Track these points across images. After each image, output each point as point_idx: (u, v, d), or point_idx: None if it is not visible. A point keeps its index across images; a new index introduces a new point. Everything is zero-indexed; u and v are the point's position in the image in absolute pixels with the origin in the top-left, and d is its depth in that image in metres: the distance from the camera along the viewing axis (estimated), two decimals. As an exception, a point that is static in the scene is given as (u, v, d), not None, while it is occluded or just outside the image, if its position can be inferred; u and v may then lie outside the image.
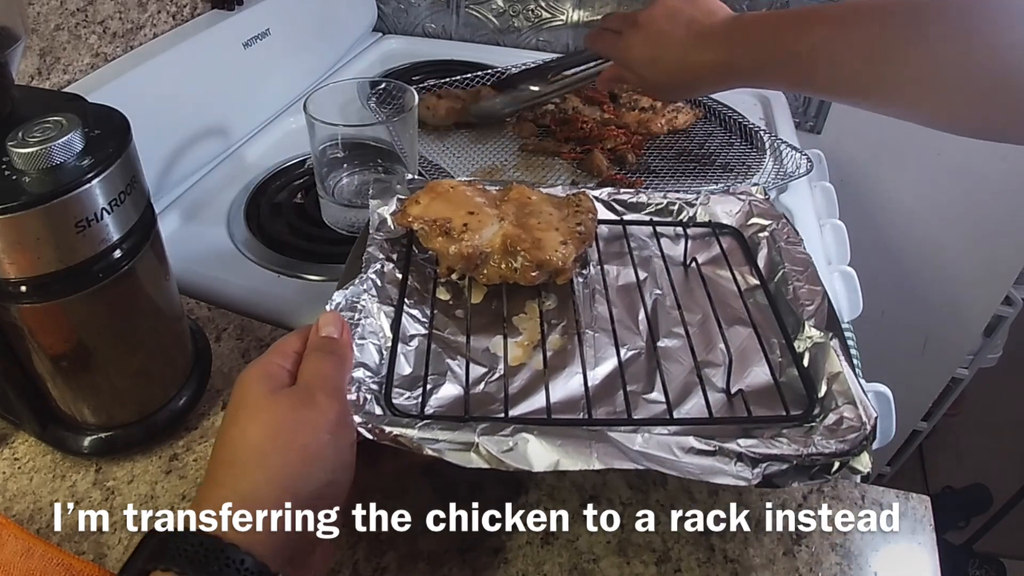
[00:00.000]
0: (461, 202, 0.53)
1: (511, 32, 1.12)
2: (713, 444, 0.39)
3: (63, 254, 0.39)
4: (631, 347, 0.49)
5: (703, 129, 0.88)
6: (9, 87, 0.42)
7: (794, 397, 0.45)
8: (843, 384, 0.43)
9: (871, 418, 0.41)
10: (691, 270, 0.56)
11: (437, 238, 0.50)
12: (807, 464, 0.39)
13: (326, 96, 0.67)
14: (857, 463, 0.39)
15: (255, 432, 0.35)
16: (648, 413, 0.44)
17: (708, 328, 0.50)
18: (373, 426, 0.38)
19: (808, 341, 0.48)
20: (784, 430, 0.42)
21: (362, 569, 0.45)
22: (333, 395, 0.38)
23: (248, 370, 0.38)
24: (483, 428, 0.39)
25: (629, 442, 0.39)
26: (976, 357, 1.31)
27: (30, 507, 0.47)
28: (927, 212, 1.09)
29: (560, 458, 0.37)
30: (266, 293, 0.65)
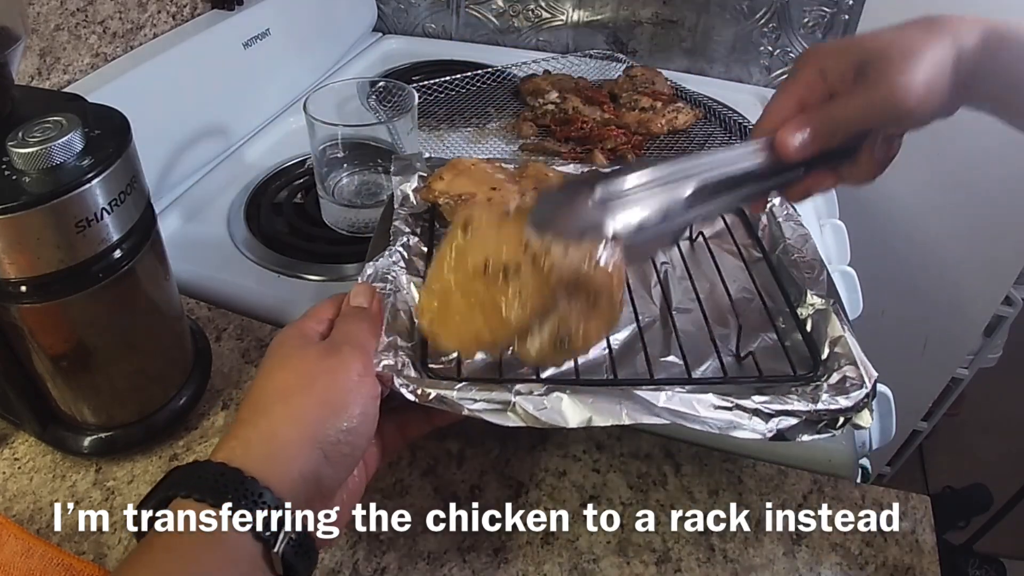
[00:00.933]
0: (483, 178, 0.54)
1: (511, 32, 1.12)
2: (731, 400, 0.41)
3: (63, 254, 0.39)
4: (648, 315, 0.51)
5: (703, 129, 0.88)
6: (9, 87, 0.41)
7: (799, 359, 0.48)
8: (844, 347, 0.46)
9: (871, 377, 0.44)
10: (698, 244, 0.58)
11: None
12: (815, 419, 0.41)
13: (326, 96, 0.67)
14: (859, 419, 0.42)
15: (281, 376, 0.37)
16: (667, 374, 0.47)
17: (716, 297, 0.53)
18: (415, 388, 0.40)
19: (811, 308, 0.50)
20: (792, 388, 0.44)
21: (362, 569, 0.45)
22: (359, 349, 0.39)
23: (284, 329, 0.40)
24: (519, 388, 0.41)
25: (654, 399, 0.41)
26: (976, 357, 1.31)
27: (30, 507, 0.47)
28: (927, 212, 1.09)
29: (592, 415, 0.40)
30: (266, 293, 0.65)
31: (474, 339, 0.42)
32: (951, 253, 1.12)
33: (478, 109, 0.91)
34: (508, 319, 0.41)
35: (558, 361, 0.44)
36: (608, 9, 1.06)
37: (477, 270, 0.42)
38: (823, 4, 0.95)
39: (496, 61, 1.00)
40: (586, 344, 0.43)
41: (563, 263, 0.41)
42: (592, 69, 1.02)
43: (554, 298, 0.41)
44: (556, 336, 0.42)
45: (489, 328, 0.41)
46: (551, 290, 0.41)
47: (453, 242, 0.45)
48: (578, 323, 0.42)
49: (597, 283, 0.42)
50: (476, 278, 0.42)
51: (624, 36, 1.07)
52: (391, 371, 0.40)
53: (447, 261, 0.44)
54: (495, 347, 0.43)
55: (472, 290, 0.42)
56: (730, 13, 1.00)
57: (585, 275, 0.41)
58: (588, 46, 1.09)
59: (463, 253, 0.44)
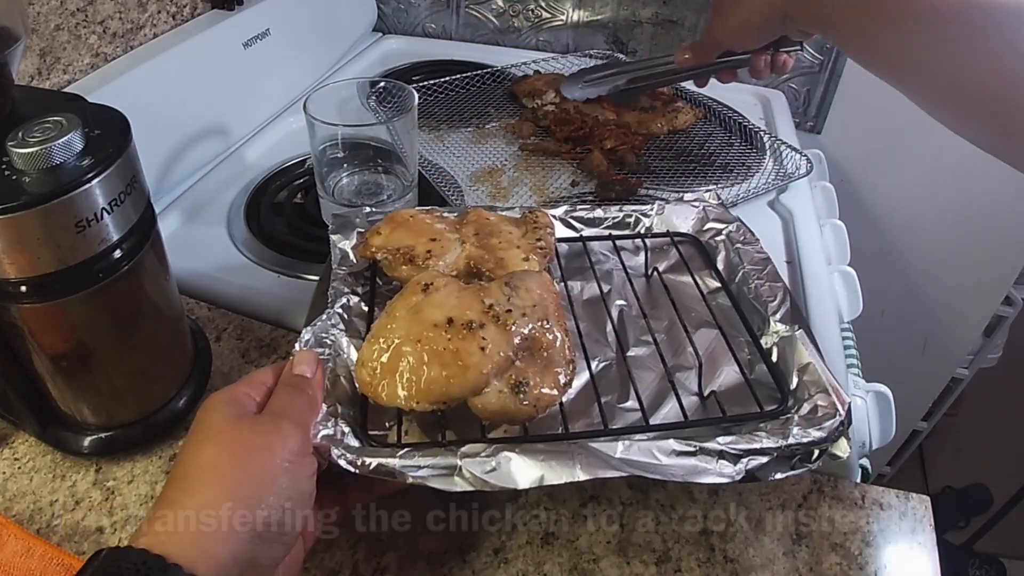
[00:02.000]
0: (422, 230, 0.52)
1: (511, 32, 1.12)
2: (693, 444, 0.39)
3: (63, 254, 0.39)
4: (602, 359, 0.50)
5: (703, 129, 0.88)
6: (9, 87, 0.41)
7: (767, 392, 0.46)
8: (814, 374, 0.45)
9: (844, 403, 0.42)
10: (653, 279, 0.57)
11: (402, 266, 0.50)
12: (787, 455, 0.40)
13: (326, 96, 0.67)
14: (836, 448, 0.41)
15: (211, 451, 0.35)
16: (625, 422, 0.45)
17: (675, 334, 0.52)
18: (353, 458, 0.38)
19: (775, 336, 0.49)
20: (761, 425, 0.43)
21: (362, 569, 0.45)
22: (297, 424, 0.37)
23: (214, 395, 0.38)
24: (464, 451, 0.39)
25: (610, 451, 0.39)
26: (976, 357, 1.31)
27: (30, 507, 0.47)
28: (927, 212, 1.09)
29: (544, 473, 0.38)
30: (266, 293, 0.65)
31: (426, 390, 0.41)
32: (951, 253, 1.12)
33: (478, 109, 0.91)
34: (472, 365, 0.41)
35: (517, 413, 0.42)
36: (608, 9, 1.06)
37: (439, 324, 0.42)
38: (823, 4, 0.95)
39: (496, 61, 1.00)
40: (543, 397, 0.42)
41: (522, 322, 0.43)
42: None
43: (515, 354, 0.42)
44: (514, 384, 0.41)
45: (447, 377, 0.41)
46: (512, 346, 0.42)
47: (409, 299, 0.45)
48: (536, 374, 0.42)
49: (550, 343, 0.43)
50: (436, 331, 0.42)
51: (624, 36, 1.07)
52: (329, 441, 0.39)
53: (400, 315, 0.44)
54: (448, 398, 0.41)
55: (430, 341, 0.41)
56: (730, 13, 1.00)
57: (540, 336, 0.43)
58: (588, 46, 1.09)
59: (420, 309, 0.44)
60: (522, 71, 0.99)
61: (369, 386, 0.42)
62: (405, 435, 0.43)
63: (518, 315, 0.43)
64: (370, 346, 0.43)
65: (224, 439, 0.35)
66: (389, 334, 0.43)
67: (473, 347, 0.41)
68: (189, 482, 0.34)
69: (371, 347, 0.43)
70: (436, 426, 0.44)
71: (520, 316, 0.43)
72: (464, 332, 0.42)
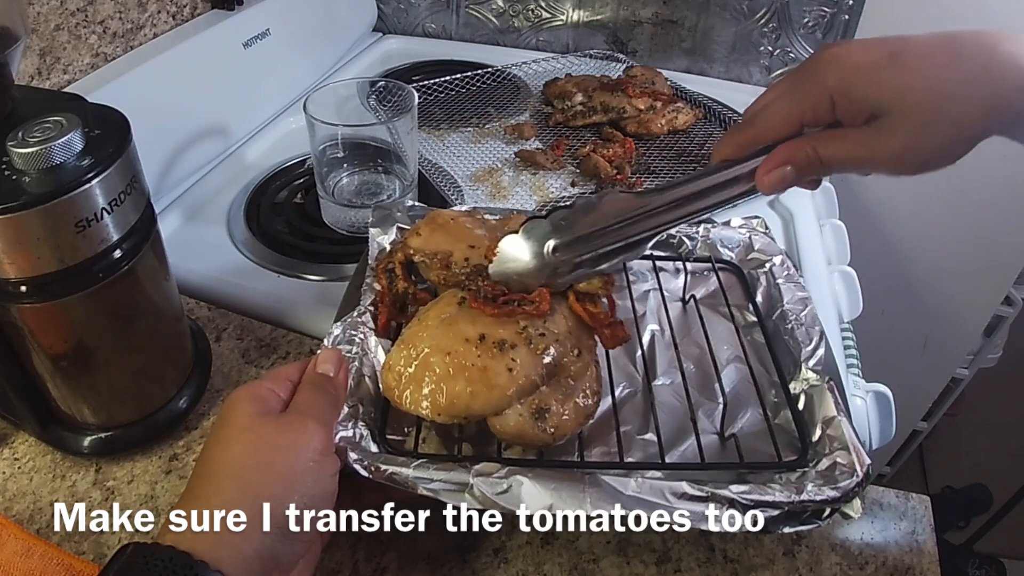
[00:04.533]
0: (461, 234, 0.51)
1: (511, 32, 1.12)
2: (705, 490, 0.39)
3: (63, 254, 0.39)
4: (627, 385, 0.49)
5: (703, 129, 0.88)
6: (9, 87, 0.42)
7: (788, 440, 0.45)
8: (837, 429, 0.43)
9: (864, 465, 0.41)
10: (689, 306, 0.56)
11: (438, 270, 0.49)
12: (798, 510, 0.39)
13: (326, 96, 0.67)
14: (848, 508, 0.40)
15: (237, 449, 0.35)
16: (641, 454, 0.45)
17: (704, 367, 0.51)
18: (369, 463, 0.38)
19: (804, 383, 0.48)
20: (776, 475, 0.42)
21: (362, 569, 0.45)
22: (321, 423, 0.37)
23: (238, 390, 0.38)
24: (477, 469, 0.39)
25: (622, 487, 0.39)
26: (976, 357, 1.31)
27: (30, 507, 0.47)
28: (927, 212, 1.09)
29: (553, 501, 0.38)
30: (266, 293, 0.65)
31: (448, 404, 0.41)
32: (951, 253, 1.12)
33: (478, 109, 0.91)
34: (497, 385, 0.40)
35: (535, 439, 0.41)
36: (608, 9, 1.06)
37: (471, 339, 0.42)
38: (823, 4, 0.95)
39: (496, 61, 1.00)
40: (562, 426, 0.41)
41: (554, 348, 0.42)
42: (592, 69, 1.02)
43: (541, 379, 0.42)
44: (536, 409, 0.41)
45: (471, 393, 0.40)
46: (539, 371, 0.42)
47: (445, 309, 0.44)
48: (559, 402, 0.42)
49: (578, 373, 0.43)
50: (467, 345, 0.42)
51: (624, 36, 1.07)
52: (347, 444, 0.39)
53: (432, 324, 0.43)
54: (469, 414, 0.41)
55: (459, 355, 0.41)
56: (730, 13, 1.00)
57: (570, 364, 0.43)
58: (588, 46, 1.09)
59: (455, 321, 0.43)
60: (522, 71, 0.99)
61: (393, 391, 0.42)
62: (422, 443, 0.43)
63: (551, 340, 0.43)
64: (399, 351, 0.43)
65: (250, 437, 0.35)
66: (420, 342, 0.43)
67: (501, 367, 0.41)
68: (215, 480, 0.34)
69: (400, 352, 0.43)
70: (454, 437, 0.44)
71: (553, 341, 0.43)
72: (494, 351, 0.41)
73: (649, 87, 0.90)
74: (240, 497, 0.33)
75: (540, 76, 0.99)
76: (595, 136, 0.86)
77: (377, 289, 0.50)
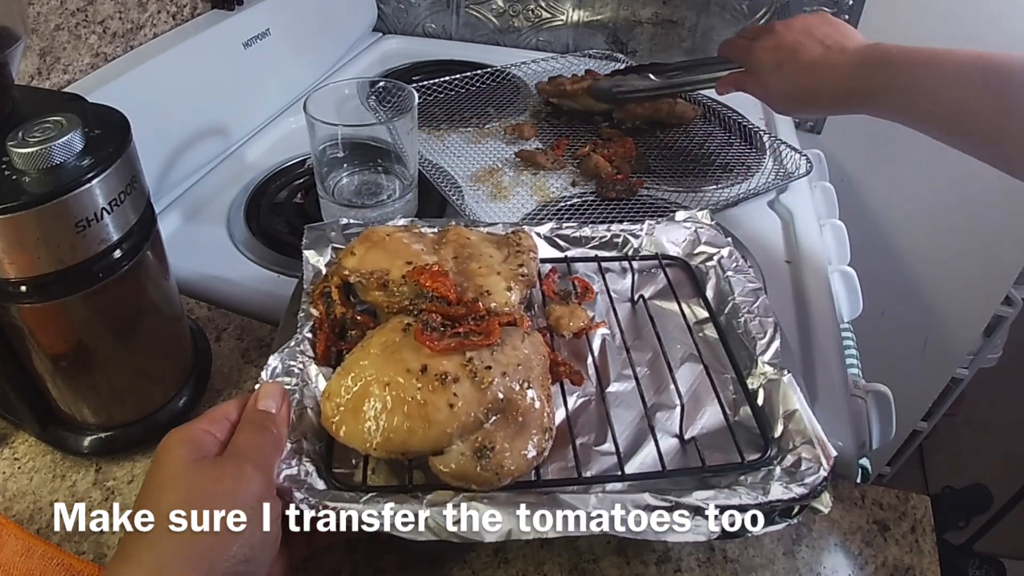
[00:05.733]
0: (398, 251, 0.49)
1: (511, 32, 1.12)
2: (669, 500, 0.38)
3: (63, 254, 0.39)
4: (580, 394, 0.48)
5: (703, 129, 0.88)
6: (9, 87, 0.41)
7: (750, 437, 0.45)
8: (799, 423, 0.43)
9: (830, 457, 0.40)
10: (638, 306, 0.55)
11: (375, 291, 0.48)
12: (766, 510, 0.38)
13: (326, 96, 0.67)
14: (818, 503, 0.39)
15: (169, 499, 0.33)
16: (600, 466, 0.44)
17: (658, 368, 0.50)
18: (317, 502, 0.37)
19: (762, 377, 0.47)
20: (741, 476, 0.41)
21: (362, 569, 0.44)
22: (260, 467, 0.36)
23: (171, 435, 0.36)
24: (430, 499, 0.38)
25: (583, 504, 0.37)
26: (976, 357, 1.31)
27: (30, 507, 0.47)
28: (927, 212, 1.09)
29: (512, 528, 0.36)
30: (266, 293, 0.65)
31: (385, 439, 0.39)
32: (951, 253, 1.12)
33: (478, 109, 0.91)
34: (436, 422, 0.39)
35: (477, 479, 0.39)
36: (608, 9, 1.06)
37: (412, 370, 0.40)
38: (823, 4, 0.95)
39: (496, 61, 1.00)
40: (507, 467, 0.39)
41: (501, 382, 0.40)
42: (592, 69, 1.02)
43: (485, 416, 0.40)
44: (478, 447, 0.39)
45: (408, 429, 0.39)
46: (484, 407, 0.40)
47: (390, 336, 0.42)
48: (503, 441, 0.40)
49: (527, 408, 0.41)
50: (407, 377, 0.40)
51: (624, 36, 1.07)
52: (292, 482, 0.37)
53: (374, 352, 0.41)
54: (406, 452, 0.39)
55: (398, 387, 0.39)
56: (730, 13, 1.00)
57: (518, 399, 0.41)
58: (588, 46, 1.09)
59: (398, 350, 0.41)
60: (522, 71, 0.99)
61: (330, 421, 0.40)
62: (372, 474, 0.41)
63: (497, 373, 0.41)
64: (338, 379, 0.41)
65: (182, 487, 0.33)
66: (360, 370, 0.41)
67: (442, 402, 0.39)
68: (147, 535, 0.32)
69: (339, 381, 0.41)
70: (404, 465, 0.42)
71: (500, 375, 0.41)
72: (436, 384, 0.39)
73: (649, 87, 0.90)
74: (175, 552, 0.31)
75: (540, 76, 0.99)
76: (595, 136, 0.86)
77: (315, 315, 0.48)
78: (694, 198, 0.75)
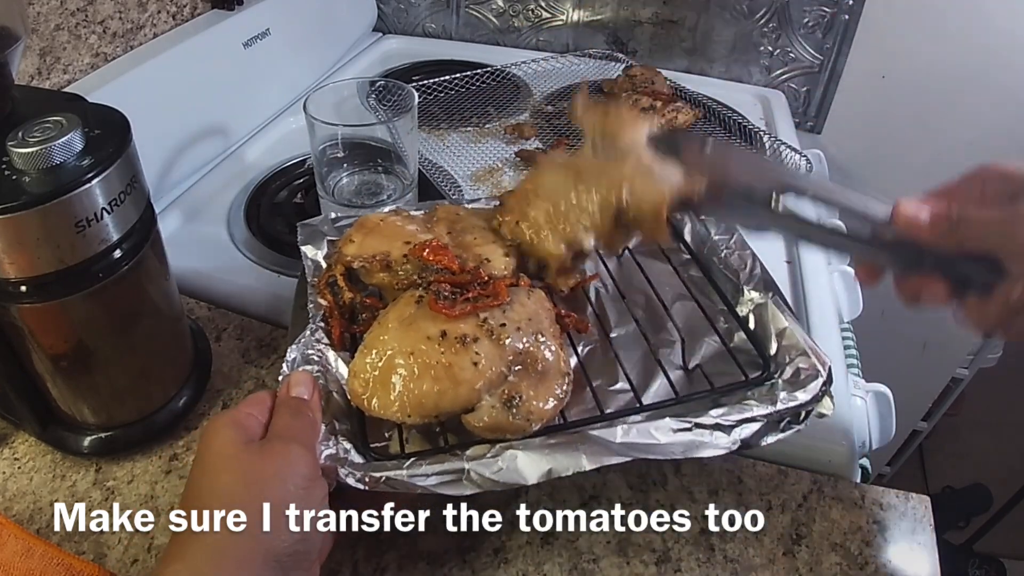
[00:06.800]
0: (394, 233, 0.51)
1: (511, 32, 1.12)
2: (688, 421, 0.40)
3: (63, 254, 0.39)
4: (586, 342, 0.50)
5: (703, 129, 0.88)
6: (9, 87, 0.42)
7: (748, 359, 0.47)
8: (791, 338, 0.46)
9: (825, 364, 0.43)
10: (624, 258, 0.58)
11: (379, 273, 0.49)
12: (776, 419, 0.41)
13: (326, 96, 0.67)
14: (822, 407, 0.42)
15: (226, 479, 0.34)
16: (618, 404, 0.46)
17: (654, 310, 0.53)
18: (362, 475, 0.38)
19: (750, 304, 0.50)
20: (748, 392, 0.44)
21: (362, 569, 0.45)
22: (304, 447, 0.37)
23: (218, 417, 0.37)
24: (469, 454, 0.39)
25: (611, 436, 0.40)
26: (976, 357, 1.30)
27: (30, 507, 0.47)
28: (927, 212, 1.09)
29: (551, 466, 0.38)
30: (266, 293, 0.65)
31: (417, 404, 0.40)
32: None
33: (478, 109, 0.91)
34: (464, 380, 0.40)
35: (510, 428, 0.41)
36: (608, 9, 1.06)
37: (432, 336, 0.42)
38: (823, 4, 0.95)
39: (496, 61, 1.00)
40: (537, 412, 0.41)
41: (516, 336, 0.43)
42: (592, 69, 1.02)
43: (508, 369, 0.42)
44: (507, 398, 0.41)
45: (439, 392, 0.40)
46: (506, 361, 0.42)
47: (403, 310, 0.44)
48: (528, 389, 0.42)
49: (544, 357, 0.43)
50: (429, 343, 0.41)
51: (624, 36, 1.07)
52: (334, 461, 0.39)
53: (392, 326, 0.43)
54: (440, 412, 0.41)
55: (422, 355, 0.41)
56: (730, 13, 1.00)
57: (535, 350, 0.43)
58: (588, 46, 1.09)
59: (414, 320, 0.43)
60: (522, 71, 0.99)
61: (361, 398, 0.42)
62: (407, 443, 0.43)
63: (512, 329, 0.43)
64: (362, 357, 0.43)
65: (236, 466, 0.35)
66: (382, 345, 0.42)
67: (466, 362, 0.41)
68: (208, 512, 0.33)
69: (363, 358, 0.42)
70: (435, 430, 0.44)
71: (514, 330, 0.43)
72: (457, 346, 0.41)
73: (649, 87, 0.90)
74: (234, 539, 0.32)
75: (540, 76, 0.99)
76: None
77: (324, 304, 0.49)
78: (694, 198, 0.75)
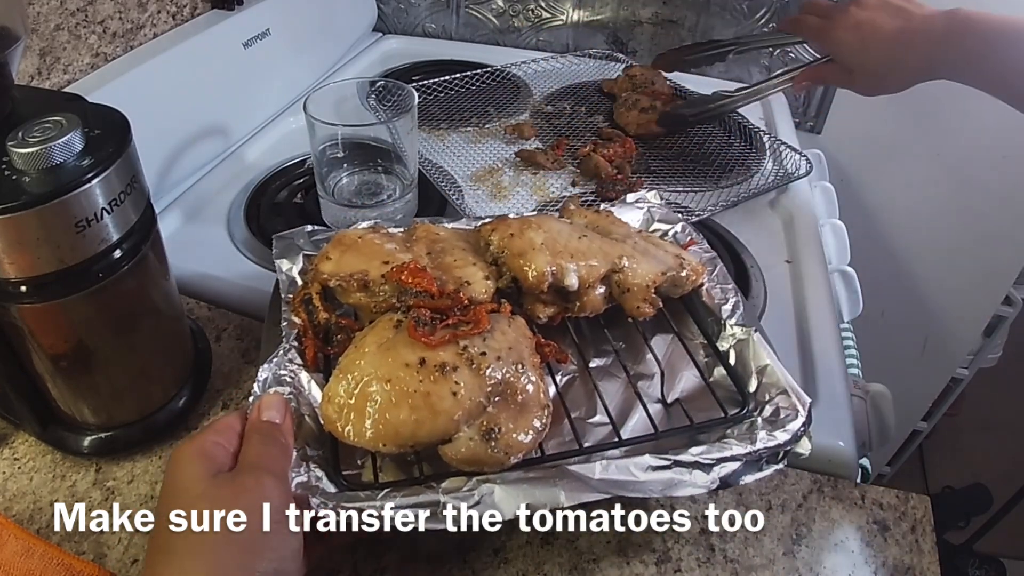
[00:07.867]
0: (373, 251, 0.49)
1: (511, 32, 1.12)
2: (668, 458, 0.40)
3: (63, 254, 0.39)
4: (564, 371, 0.50)
5: (703, 129, 0.88)
6: (9, 87, 0.42)
7: (728, 395, 0.47)
8: (772, 376, 0.45)
9: (805, 404, 0.43)
10: None
11: (356, 293, 0.48)
12: (755, 459, 0.41)
13: (326, 96, 0.67)
14: (799, 447, 0.42)
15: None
16: (596, 438, 0.45)
17: (633, 340, 0.52)
18: (335, 506, 0.37)
19: (731, 339, 0.49)
20: (727, 430, 0.44)
21: (362, 569, 0.45)
22: (276, 476, 0.36)
23: (182, 448, 0.36)
24: (445, 487, 0.38)
25: (590, 472, 0.39)
26: (976, 357, 1.30)
27: (30, 507, 0.47)
28: (927, 212, 1.09)
29: (529, 500, 0.38)
30: (266, 293, 0.64)
31: (393, 433, 0.39)
32: (951, 253, 1.12)
33: (478, 109, 0.91)
34: (442, 410, 0.39)
35: (488, 461, 0.40)
36: (608, 9, 1.06)
37: (411, 364, 0.40)
38: (823, 4, 0.95)
39: (496, 61, 1.00)
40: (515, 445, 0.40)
41: (496, 366, 0.42)
42: (592, 69, 1.02)
43: (487, 399, 0.41)
44: (486, 430, 0.40)
45: (416, 421, 0.39)
46: (485, 391, 0.41)
47: (381, 334, 0.43)
48: (507, 421, 0.41)
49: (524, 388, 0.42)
50: (407, 371, 0.40)
51: (624, 36, 1.07)
52: (305, 489, 0.37)
53: (369, 351, 0.42)
54: (416, 443, 0.40)
55: (400, 382, 0.40)
56: (730, 13, 1.00)
57: (515, 381, 0.42)
58: (588, 46, 1.09)
59: (393, 345, 0.42)
60: (522, 71, 0.99)
61: (335, 424, 0.40)
62: (380, 471, 0.42)
63: (492, 358, 0.42)
64: (337, 381, 0.41)
65: (202, 503, 0.33)
66: (358, 370, 0.41)
67: (445, 391, 0.40)
68: (176, 556, 0.32)
69: (338, 383, 0.41)
70: (409, 459, 0.42)
71: (495, 359, 0.42)
72: (436, 375, 0.40)
73: (649, 87, 0.90)
74: (202, 572, 0.31)
75: (540, 76, 0.99)
76: (595, 136, 0.86)
77: (298, 323, 0.48)
78: (694, 198, 0.75)
